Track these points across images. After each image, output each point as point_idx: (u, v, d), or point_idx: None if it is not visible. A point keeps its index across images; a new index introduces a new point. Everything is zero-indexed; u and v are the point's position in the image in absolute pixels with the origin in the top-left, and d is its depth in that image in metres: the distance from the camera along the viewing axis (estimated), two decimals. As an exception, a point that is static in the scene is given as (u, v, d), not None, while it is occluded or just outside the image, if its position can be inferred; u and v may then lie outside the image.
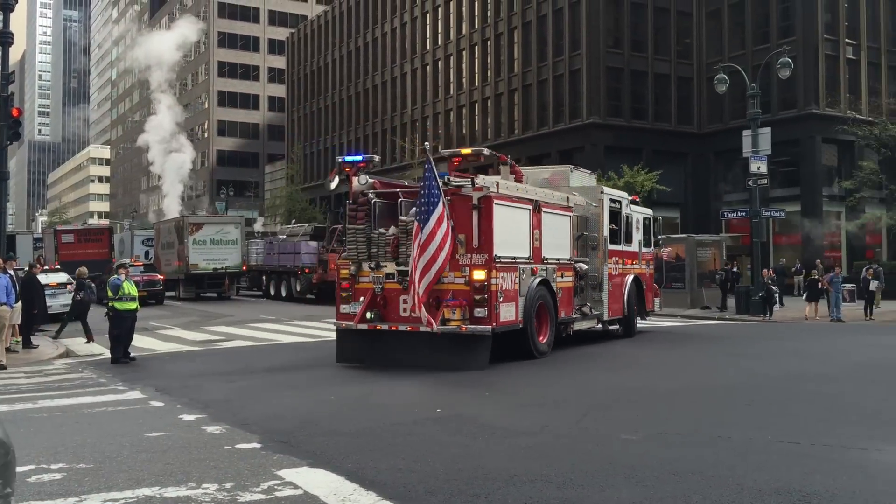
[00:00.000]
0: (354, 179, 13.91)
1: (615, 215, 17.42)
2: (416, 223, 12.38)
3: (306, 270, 33.10)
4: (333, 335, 18.49)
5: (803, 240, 39.58)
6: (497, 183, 13.31)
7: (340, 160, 14.25)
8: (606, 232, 16.91)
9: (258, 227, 63.81)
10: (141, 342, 17.34)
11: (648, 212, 19.90)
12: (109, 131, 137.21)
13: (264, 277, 37.27)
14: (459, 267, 12.72)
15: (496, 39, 51.09)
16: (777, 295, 25.29)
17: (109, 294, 15.10)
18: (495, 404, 9.68)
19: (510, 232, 13.35)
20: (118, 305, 14.98)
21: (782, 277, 30.70)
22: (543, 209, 14.49)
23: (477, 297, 12.60)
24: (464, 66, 54.19)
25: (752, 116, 26.76)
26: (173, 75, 78.76)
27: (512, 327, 13.24)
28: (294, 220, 50.18)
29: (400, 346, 13.16)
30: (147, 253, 41.89)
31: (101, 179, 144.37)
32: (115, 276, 15.35)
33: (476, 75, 53.00)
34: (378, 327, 13.19)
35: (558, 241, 15.04)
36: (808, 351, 15.92)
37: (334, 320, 13.85)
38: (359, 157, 14.24)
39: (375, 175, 14.70)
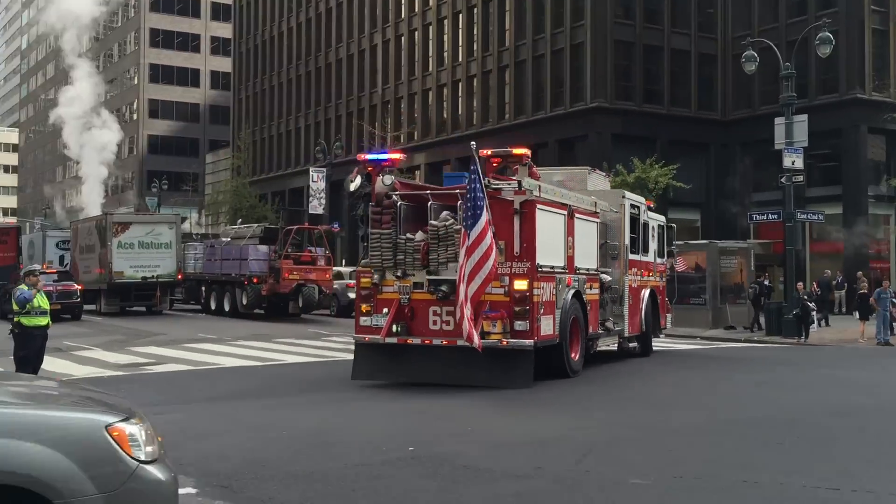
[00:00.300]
0: (378, 179, 14.71)
1: (633, 222, 18.61)
2: (462, 229, 13.34)
3: (254, 280, 32.97)
4: (287, 358, 18.46)
5: (845, 248, 39.93)
6: (539, 186, 14.39)
7: (363, 158, 15.36)
8: (627, 240, 18.09)
9: (197, 227, 63.53)
10: (53, 365, 17.18)
11: (662, 218, 21.30)
12: (18, 111, 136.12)
13: (204, 288, 37.06)
14: (498, 276, 13.62)
15: (484, 6, 51.28)
16: (814, 313, 25.47)
17: (15, 307, 14.93)
18: (480, 439, 9.70)
19: (549, 239, 14.50)
20: (25, 321, 14.81)
21: (827, 292, 30.85)
22: (576, 215, 15.71)
23: (518, 309, 13.65)
24: (445, 37, 54.33)
25: (785, 101, 27.01)
26: (94, 35, 78.23)
27: (550, 342, 14.37)
28: (240, 220, 49.95)
29: (429, 361, 14.13)
30: (62, 258, 41.55)
31: (6, 169, 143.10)
32: (23, 285, 15.18)
33: (460, 49, 53.15)
34: (409, 341, 14.13)
35: (587, 249, 16.29)
36: (851, 379, 16.08)
37: (353, 334, 14.82)
38: (383, 156, 15.32)
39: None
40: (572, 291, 15.19)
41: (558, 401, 12.88)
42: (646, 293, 19.30)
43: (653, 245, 19.88)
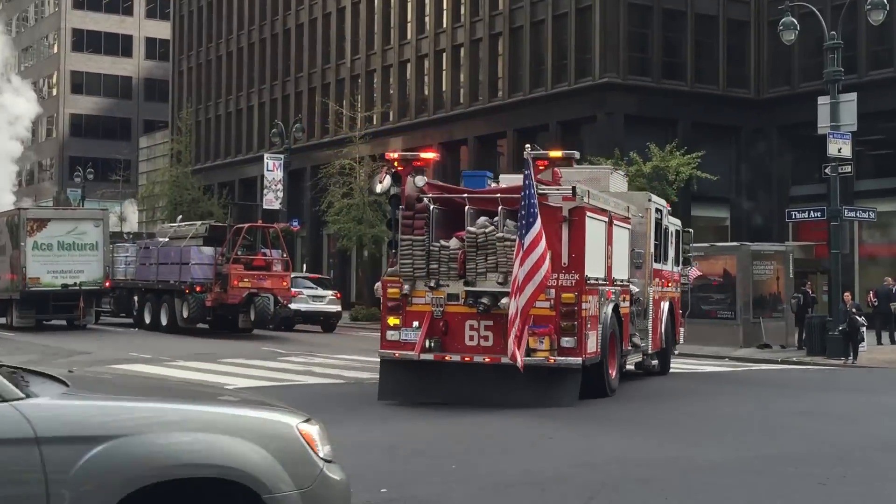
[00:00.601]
0: (409, 180, 15.69)
1: (656, 227, 19.86)
2: (517, 239, 14.37)
3: (197, 289, 32.83)
4: (236, 382, 18.46)
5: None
6: (588, 192, 15.58)
7: (392, 157, 16.35)
8: (652, 248, 19.43)
9: (129, 225, 63.23)
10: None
11: (678, 222, 22.50)
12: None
13: (136, 298, 36.88)
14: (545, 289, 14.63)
15: (473, -38, 51.33)
16: (863, 329, 25.51)
17: None
18: (462, 479, 9.69)
19: (594, 249, 15.80)
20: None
21: (886, 302, 30.87)
22: (614, 222, 16.96)
23: (565, 325, 14.92)
24: (427, -1, 54.39)
25: (830, 77, 27.11)
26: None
27: (593, 360, 15.63)
28: (181, 217, 49.79)
29: (466, 380, 15.32)
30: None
31: None
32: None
33: (444, 13, 53.18)
34: (447, 358, 15.20)
35: (621, 259, 17.53)
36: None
37: (378, 350, 15.83)
38: (415, 154, 16.54)
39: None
40: (612, 305, 16.50)
41: (566, 428, 12.88)
42: (665, 306, 20.56)
43: (671, 252, 21.25)
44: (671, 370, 21.36)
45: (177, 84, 77.83)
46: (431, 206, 15.63)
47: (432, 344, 15.16)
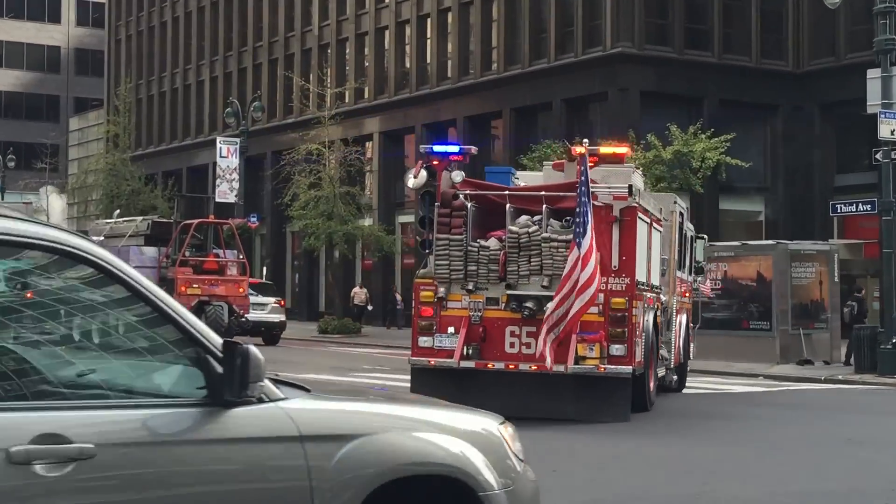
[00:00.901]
0: (445, 175, 16.73)
1: (679, 232, 20.93)
2: (571, 239, 15.34)
3: (138, 296, 32.73)
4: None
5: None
6: (640, 191, 16.67)
7: (425, 151, 17.66)
8: (676, 254, 20.58)
9: (57, 219, 62.98)
10: None
11: (692, 228, 23.86)
12: None
13: (66, 307, 36.77)
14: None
15: (463, -88, 51.30)
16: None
17: None
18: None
19: (641, 252, 16.86)
20: None
21: None
22: (653, 225, 18.08)
23: (614, 331, 15.91)
24: (408, -45, 54.33)
25: (881, 47, 27.13)
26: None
27: (640, 370, 16.63)
28: (118, 211, 49.67)
29: (507, 390, 16.08)
30: None
31: None
32: None
33: (428, -29, 53.16)
34: (490, 366, 16.10)
35: (656, 264, 18.55)
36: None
37: (410, 357, 16.83)
38: (453, 148, 17.74)
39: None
40: (652, 313, 17.77)
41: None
42: (683, 317, 21.92)
43: (687, 260, 22.58)
44: (688, 388, 22.11)
45: (113, 55, 77.67)
46: (469, 204, 16.52)
47: (471, 351, 16.02)
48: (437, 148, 17.55)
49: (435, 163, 17.05)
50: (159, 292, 4.73)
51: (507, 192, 16.96)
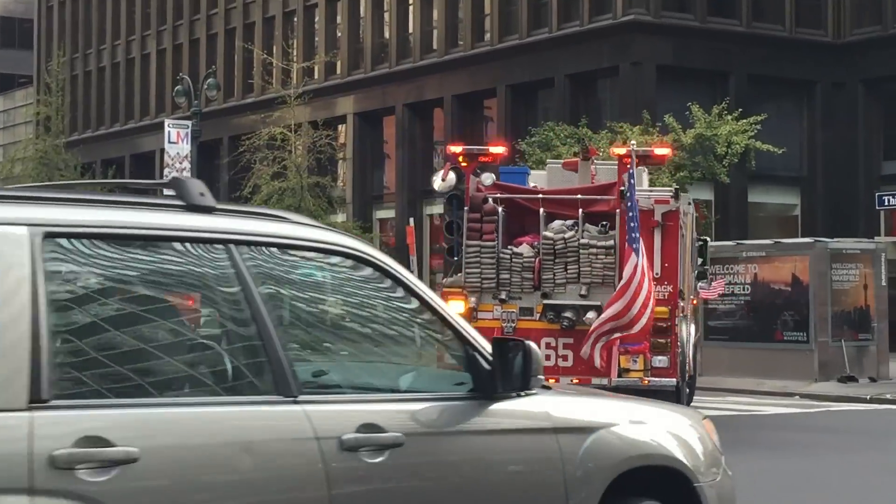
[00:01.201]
0: (474, 178, 17.84)
1: (691, 234, 21.80)
2: (628, 247, 16.30)
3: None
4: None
5: None
6: (680, 194, 17.50)
7: (453, 151, 18.57)
8: (690, 258, 21.10)
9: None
10: None
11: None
12: None
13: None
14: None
15: None
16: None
17: None
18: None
19: (682, 258, 17.99)
20: None
21: None
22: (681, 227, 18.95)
23: (657, 342, 17.01)
24: None
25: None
26: None
27: (678, 382, 17.58)
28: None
29: None
30: None
31: None
32: None
33: (411, -74, 53.23)
34: None
35: (688, 270, 19.73)
36: None
37: None
38: (481, 149, 19.05)
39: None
40: (685, 322, 18.82)
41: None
42: (692, 326, 22.04)
43: (696, 265, 23.07)
44: (713, 410, 21.96)
45: (44, 25, 77.59)
46: (500, 209, 17.60)
47: None
48: (464, 148, 18.66)
49: (463, 164, 18.08)
50: (438, 298, 5.74)
51: (540, 196, 17.98)
